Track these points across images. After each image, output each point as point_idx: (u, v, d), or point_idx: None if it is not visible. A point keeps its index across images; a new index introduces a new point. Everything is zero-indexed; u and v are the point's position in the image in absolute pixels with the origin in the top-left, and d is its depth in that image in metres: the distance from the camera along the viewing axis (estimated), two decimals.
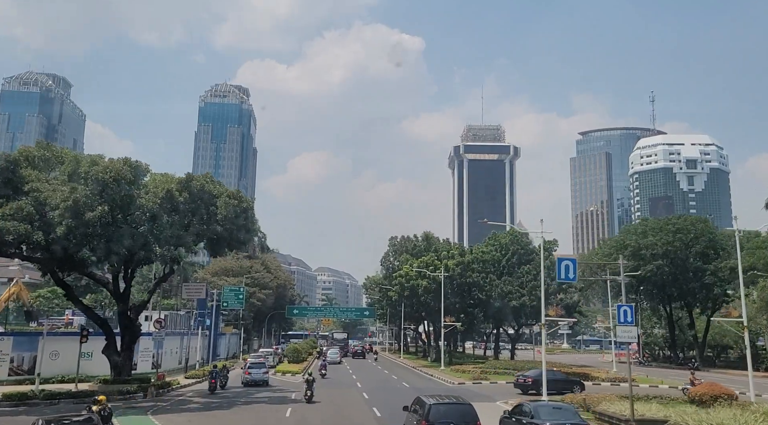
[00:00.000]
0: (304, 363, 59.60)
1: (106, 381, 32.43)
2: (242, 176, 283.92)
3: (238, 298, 61.37)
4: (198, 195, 30.03)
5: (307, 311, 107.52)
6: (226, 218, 30.08)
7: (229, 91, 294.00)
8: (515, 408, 20.69)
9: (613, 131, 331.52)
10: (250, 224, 32.90)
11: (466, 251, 66.10)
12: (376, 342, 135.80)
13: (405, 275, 60.90)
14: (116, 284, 33.26)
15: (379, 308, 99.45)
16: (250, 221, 32.79)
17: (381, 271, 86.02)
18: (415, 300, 62.70)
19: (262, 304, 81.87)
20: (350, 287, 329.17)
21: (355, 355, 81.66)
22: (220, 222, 30.15)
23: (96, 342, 35.40)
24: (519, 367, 49.44)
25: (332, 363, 65.46)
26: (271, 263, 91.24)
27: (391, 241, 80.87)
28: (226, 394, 35.54)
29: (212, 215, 30.30)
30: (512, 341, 65.73)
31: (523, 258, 62.63)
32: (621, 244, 69.67)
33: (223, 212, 29.86)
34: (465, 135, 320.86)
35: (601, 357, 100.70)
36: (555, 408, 20.10)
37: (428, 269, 58.84)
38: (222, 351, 69.63)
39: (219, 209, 30.03)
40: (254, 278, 79.35)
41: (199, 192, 29.99)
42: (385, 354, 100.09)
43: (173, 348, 48.96)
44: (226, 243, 32.54)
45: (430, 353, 74.47)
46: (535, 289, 57.82)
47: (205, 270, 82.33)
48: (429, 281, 59.34)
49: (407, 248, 74.04)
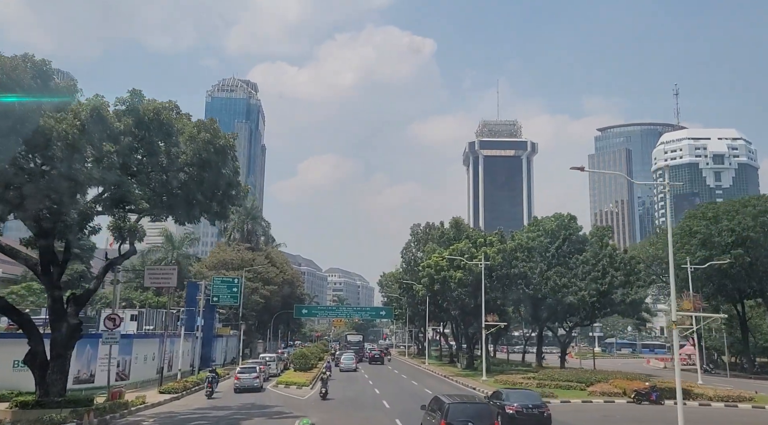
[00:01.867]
0: (313, 372, 49.45)
1: (25, 405, 22.35)
2: (250, 172, 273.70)
3: (232, 292, 51.23)
4: (150, 125, 19.89)
5: (318, 311, 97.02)
6: (195, 162, 19.97)
7: (236, 86, 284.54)
8: (493, 394, 25.33)
9: (633, 126, 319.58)
10: (230, 173, 22.75)
11: (506, 237, 55.66)
12: (392, 345, 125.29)
13: (434, 266, 50.56)
14: (45, 261, 23.02)
15: (397, 308, 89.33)
16: (230, 168, 22.63)
17: (400, 265, 75.77)
18: (447, 295, 52.31)
19: (266, 302, 71.79)
20: (361, 288, 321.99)
21: (373, 360, 71.22)
22: (183, 168, 20.04)
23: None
24: (584, 379, 39.02)
25: (346, 371, 55.26)
26: (277, 257, 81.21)
27: (413, 229, 70.60)
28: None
29: (173, 159, 20.19)
30: (562, 345, 55.26)
31: (574, 246, 52.17)
32: (687, 231, 59.04)
33: (189, 153, 19.80)
34: (480, 131, 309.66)
35: (645, 362, 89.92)
36: (523, 394, 24.52)
37: (464, 257, 48.51)
38: (218, 355, 59.58)
39: (183, 148, 19.92)
40: (257, 272, 69.27)
41: (151, 122, 19.87)
42: (403, 358, 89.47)
43: (149, 354, 38.90)
44: (195, 201, 22.22)
45: (460, 358, 64.02)
46: (596, 281, 47.33)
47: (201, 263, 72.35)
48: (464, 273, 49.01)
49: (433, 237, 63.72)
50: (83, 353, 32.09)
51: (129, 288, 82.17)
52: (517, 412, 21.55)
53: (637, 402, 31.38)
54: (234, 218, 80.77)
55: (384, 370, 60.84)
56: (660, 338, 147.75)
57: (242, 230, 78.56)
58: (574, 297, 46.47)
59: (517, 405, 22.26)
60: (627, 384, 35.21)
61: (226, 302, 52.13)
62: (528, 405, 22.40)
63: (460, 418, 17.25)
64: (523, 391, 26.09)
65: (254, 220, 79.64)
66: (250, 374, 37.58)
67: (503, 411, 21.67)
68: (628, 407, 30.72)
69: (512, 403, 22.41)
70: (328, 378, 35.21)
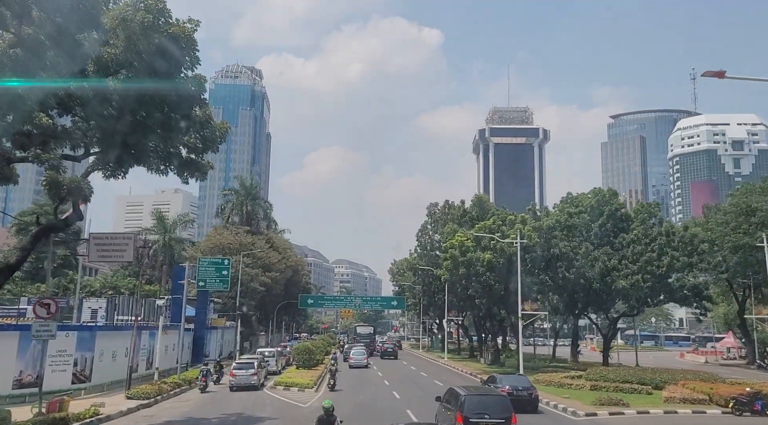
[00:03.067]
0: (319, 369, 42.68)
1: None
2: (255, 161, 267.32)
3: (221, 275, 44.19)
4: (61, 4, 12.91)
5: (324, 301, 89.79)
6: (133, 63, 13.03)
7: (240, 72, 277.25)
8: (489, 378, 28.90)
9: (648, 113, 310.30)
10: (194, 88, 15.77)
11: (540, 214, 48.51)
12: (404, 338, 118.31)
13: (459, 247, 43.47)
14: None
15: (410, 297, 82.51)
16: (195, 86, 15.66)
17: (415, 249, 68.79)
18: (472, 281, 45.24)
19: (267, 291, 65.08)
20: (369, 279, 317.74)
21: (385, 355, 64.22)
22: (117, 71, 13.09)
23: None
24: (646, 379, 32.06)
25: (357, 367, 48.56)
26: (280, 243, 74.33)
27: (430, 210, 63.39)
28: None
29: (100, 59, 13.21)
30: (606, 338, 47.82)
31: (617, 225, 44.99)
32: (743, 209, 51.81)
33: (120, 46, 12.86)
34: (491, 118, 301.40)
35: (677, 355, 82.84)
36: (514, 378, 27.80)
37: (495, 235, 41.41)
38: (212, 349, 52.96)
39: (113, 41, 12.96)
40: (256, 258, 62.45)
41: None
42: (417, 352, 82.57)
43: (119, 350, 32.12)
44: (145, 134, 15.04)
45: (484, 353, 57.09)
46: (651, 264, 40.16)
47: (195, 248, 65.54)
48: (494, 254, 41.94)
49: (453, 217, 56.68)
50: (26, 350, 25.35)
51: (121, 275, 75.78)
52: (509, 393, 22.71)
53: (737, 413, 24.22)
54: (232, 200, 73.87)
55: (399, 366, 54.05)
56: (681, 329, 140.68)
57: (241, 213, 71.54)
58: (625, 282, 39.26)
59: (509, 388, 24.60)
60: (709, 387, 28.22)
61: (214, 287, 45.09)
62: (518, 387, 25.22)
63: (477, 411, 16.70)
64: (513, 376, 29.49)
65: (254, 201, 72.49)
66: (247, 370, 33.17)
67: None
68: (729, 421, 23.62)
69: (505, 386, 24.88)
70: (336, 370, 34.94)
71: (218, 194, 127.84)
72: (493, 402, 17.41)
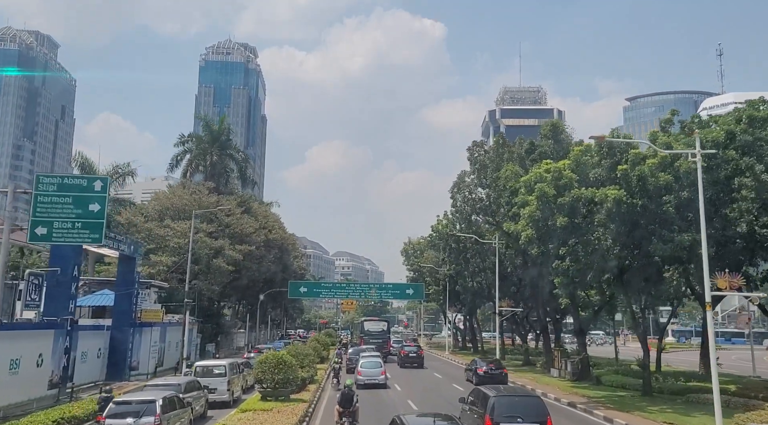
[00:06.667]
0: (305, 399, 23.79)
1: None
2: (249, 144, 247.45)
3: (88, 212, 23.60)
4: None
5: (321, 288, 69.85)
6: None
7: (233, 49, 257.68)
8: (471, 362, 36.27)
9: (666, 95, 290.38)
10: None
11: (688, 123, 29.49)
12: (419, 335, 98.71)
13: (555, 178, 24.46)
14: None
15: (431, 284, 63.84)
16: None
17: (445, 215, 49.85)
18: (578, 242, 25.94)
19: (239, 272, 46.43)
20: (371, 272, 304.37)
21: (406, 362, 44.87)
22: None
23: None
24: None
25: (369, 385, 29.93)
26: (259, 210, 55.20)
27: (472, 152, 44.07)
28: None
29: None
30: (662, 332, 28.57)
31: None
32: None
33: None
34: (501, 99, 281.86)
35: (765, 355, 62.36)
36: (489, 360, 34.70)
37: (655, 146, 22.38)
38: (144, 358, 34.04)
39: None
40: (221, 224, 43.62)
41: None
42: (442, 356, 61.85)
43: None
44: None
45: (557, 362, 37.68)
46: None
47: (135, 210, 46.23)
48: (621, 191, 23.01)
49: (513, 156, 37.65)
50: None
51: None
52: (485, 372, 30.89)
53: None
54: (192, 147, 54.24)
55: (432, 382, 35.11)
56: (726, 324, 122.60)
57: (205, 166, 52.33)
58: None
59: (485, 368, 31.89)
60: None
61: (70, 237, 24.81)
62: (492, 368, 31.85)
63: (508, 414, 14.79)
64: (488, 358, 36.97)
65: (222, 150, 52.53)
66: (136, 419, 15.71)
67: (475, 372, 32.09)
68: None
69: (481, 366, 32.36)
70: (340, 368, 32.61)
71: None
72: (526, 404, 15.34)
